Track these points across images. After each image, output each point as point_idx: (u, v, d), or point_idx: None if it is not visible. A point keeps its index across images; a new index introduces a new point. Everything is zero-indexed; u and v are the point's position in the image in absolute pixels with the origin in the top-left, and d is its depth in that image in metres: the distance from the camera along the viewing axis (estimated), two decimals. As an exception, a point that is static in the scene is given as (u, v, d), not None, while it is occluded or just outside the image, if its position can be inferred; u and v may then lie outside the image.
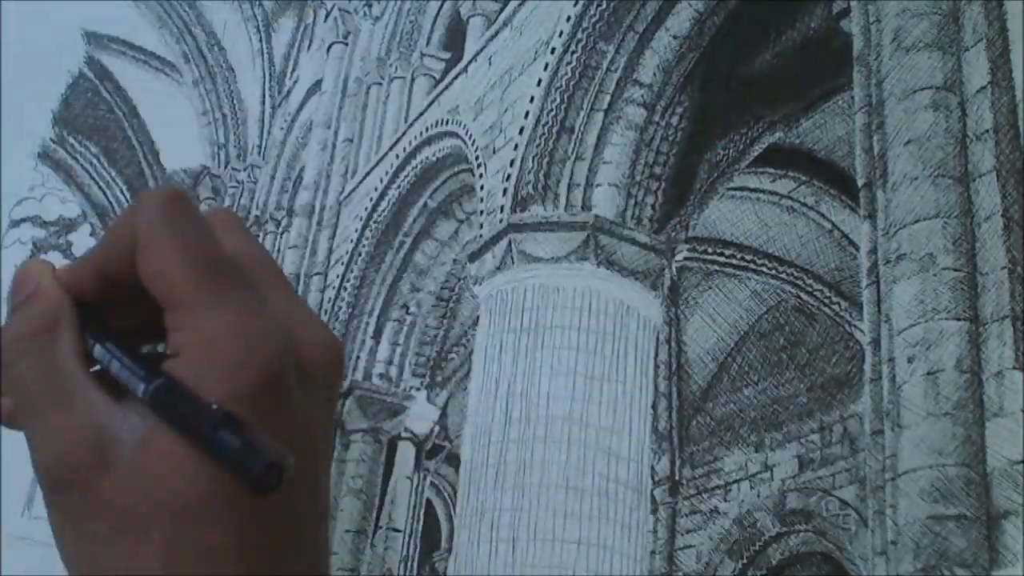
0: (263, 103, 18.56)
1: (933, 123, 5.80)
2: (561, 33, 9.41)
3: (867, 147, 6.14)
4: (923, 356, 5.41)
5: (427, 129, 11.94)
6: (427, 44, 13.44)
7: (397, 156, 12.57)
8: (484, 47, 11.08)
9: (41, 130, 20.26)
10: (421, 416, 13.09)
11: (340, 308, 13.13)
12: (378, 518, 12.53)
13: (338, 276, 13.36)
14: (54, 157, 20.56)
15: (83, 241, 21.25)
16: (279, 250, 16.05)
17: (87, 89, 20.42)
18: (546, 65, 9.47)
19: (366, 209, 13.03)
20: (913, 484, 5.41)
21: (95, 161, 20.77)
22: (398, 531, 12.65)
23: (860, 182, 6.17)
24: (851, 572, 10.50)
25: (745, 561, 11.70)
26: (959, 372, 5.35)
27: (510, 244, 8.95)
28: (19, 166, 20.01)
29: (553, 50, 9.45)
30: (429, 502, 15.31)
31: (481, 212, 9.86)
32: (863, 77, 6.35)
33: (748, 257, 12.27)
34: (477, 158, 10.36)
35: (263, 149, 18.13)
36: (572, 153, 9.14)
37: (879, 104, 6.14)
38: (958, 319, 5.40)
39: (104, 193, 20.96)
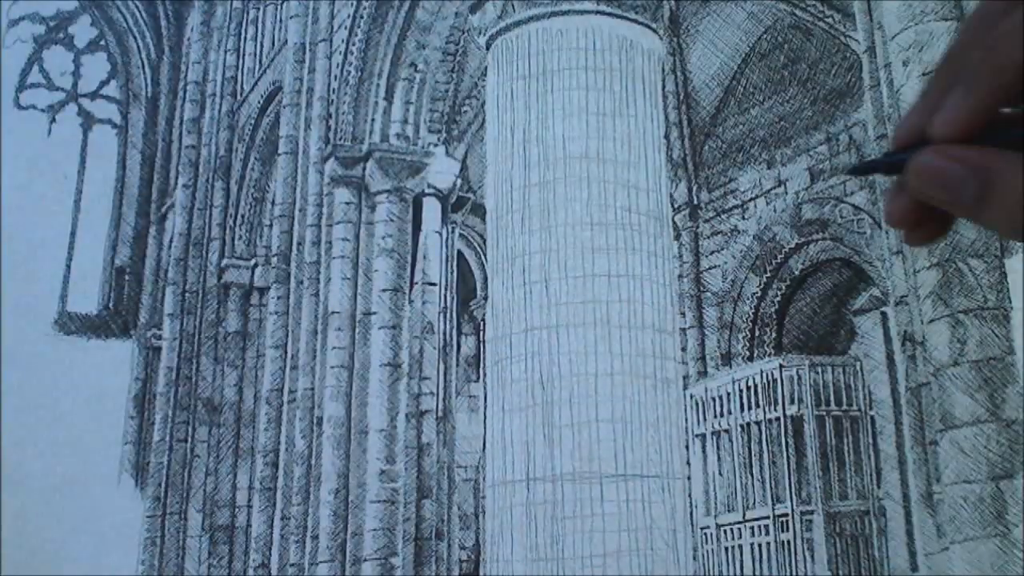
0: None
1: None
2: None
3: None
4: (917, 58, 5.49)
5: None
6: None
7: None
8: None
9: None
10: (442, 171, 13.18)
11: (349, 72, 13.10)
12: (412, 274, 12.77)
13: (343, 41, 13.28)
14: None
15: (84, 33, 21.04)
16: (281, 20, 15.90)
17: None
18: None
19: (363, -30, 12.84)
20: (920, 183, 5.56)
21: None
22: (433, 285, 12.90)
23: None
24: (870, 274, 10.74)
25: (769, 275, 11.92)
26: (953, 71, 5.43)
27: (510, -9, 8.88)
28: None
29: None
30: (460, 254, 15.55)
31: (477, -39, 9.74)
32: None
33: (741, -23, 12.09)
34: (467, -94, 10.17)
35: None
36: None
37: None
38: (945, 19, 5.46)
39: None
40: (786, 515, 9.77)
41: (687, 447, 9.50)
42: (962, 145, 0.62)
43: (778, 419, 9.97)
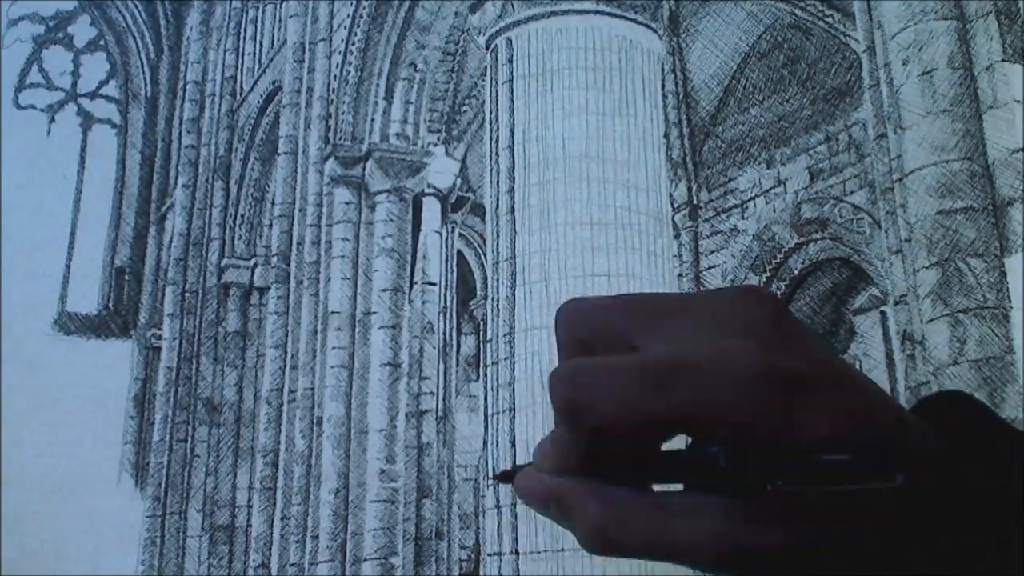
0: None
1: None
2: None
3: None
4: (917, 58, 5.51)
5: None
6: None
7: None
8: None
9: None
10: (442, 171, 13.21)
11: (348, 72, 13.11)
12: (412, 274, 12.78)
13: (342, 40, 13.30)
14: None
15: (83, 33, 21.05)
16: (280, 19, 15.92)
17: None
18: None
19: (362, -30, 12.86)
20: (920, 182, 5.58)
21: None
22: (433, 284, 12.91)
23: None
24: (869, 273, 10.75)
25: (768, 274, 11.93)
26: (952, 69, 5.45)
27: (509, -9, 8.91)
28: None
29: None
30: (460, 253, 15.55)
31: (477, -39, 9.75)
32: None
33: (740, -23, 12.11)
34: (467, -94, 10.18)
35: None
36: None
37: None
38: (945, 19, 5.47)
39: (97, -18, 20.66)
40: (786, 514, 9.74)
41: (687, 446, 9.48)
42: (550, 472, 0.63)
43: (778, 418, 9.93)
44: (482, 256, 16.79)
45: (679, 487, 0.61)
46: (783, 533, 0.56)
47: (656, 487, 0.62)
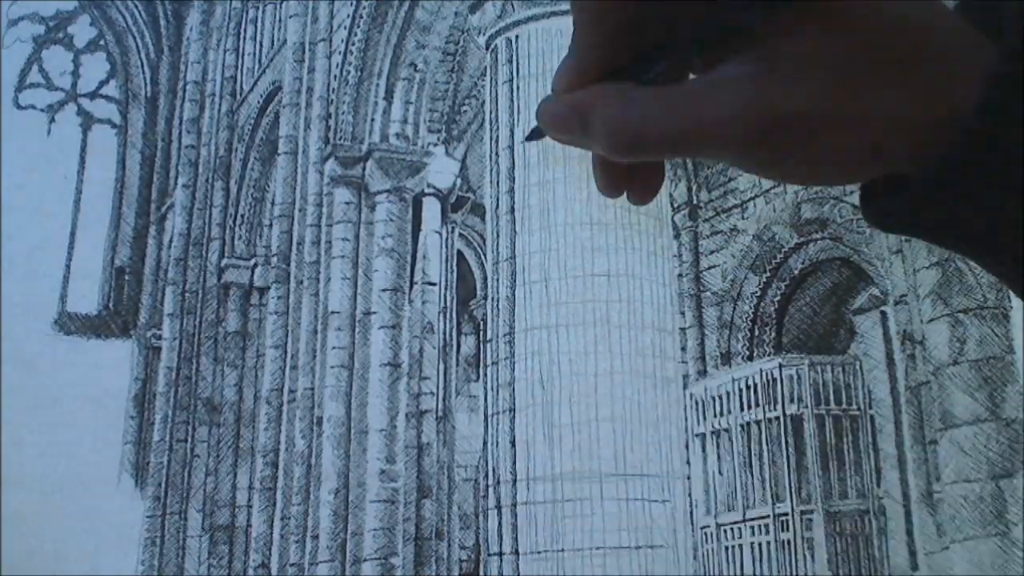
0: None
1: None
2: None
3: None
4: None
5: None
6: None
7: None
8: None
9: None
10: (442, 171, 13.21)
11: (348, 72, 13.11)
12: (412, 274, 12.79)
13: (342, 40, 13.31)
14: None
15: (83, 33, 21.05)
16: (280, 19, 15.93)
17: None
18: None
19: (362, -30, 12.86)
20: (920, 182, 5.55)
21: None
22: (433, 284, 12.92)
23: None
24: (869, 273, 10.75)
25: (768, 274, 11.94)
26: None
27: (509, -10, 8.92)
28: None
29: None
30: (460, 253, 15.55)
31: (477, -39, 9.76)
32: None
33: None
34: (467, -95, 10.19)
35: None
36: None
37: None
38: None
39: (97, -18, 20.66)
40: (786, 514, 9.78)
41: (687, 446, 9.51)
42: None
43: (778, 418, 9.97)
44: (482, 256, 16.79)
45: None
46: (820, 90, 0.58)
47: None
